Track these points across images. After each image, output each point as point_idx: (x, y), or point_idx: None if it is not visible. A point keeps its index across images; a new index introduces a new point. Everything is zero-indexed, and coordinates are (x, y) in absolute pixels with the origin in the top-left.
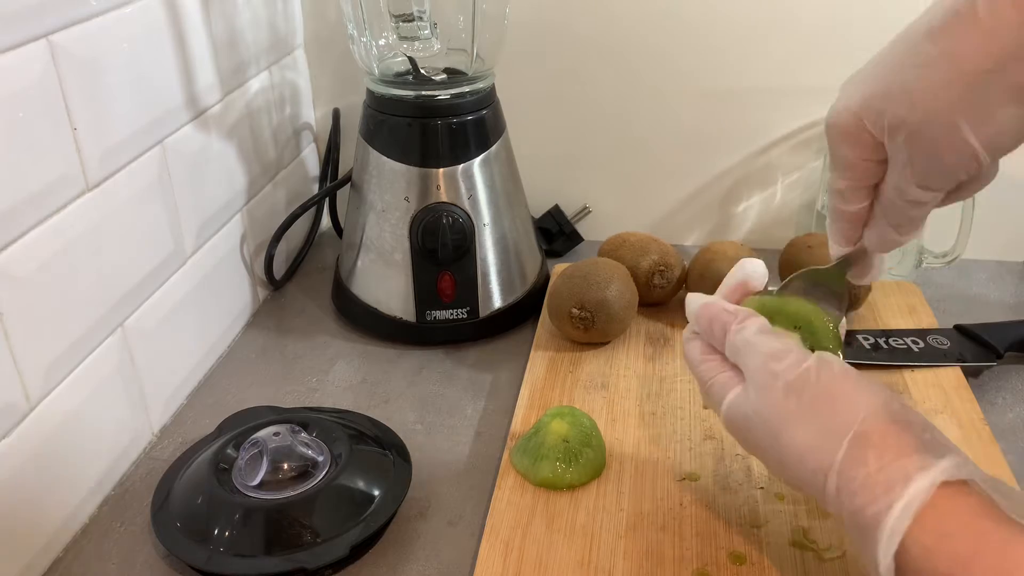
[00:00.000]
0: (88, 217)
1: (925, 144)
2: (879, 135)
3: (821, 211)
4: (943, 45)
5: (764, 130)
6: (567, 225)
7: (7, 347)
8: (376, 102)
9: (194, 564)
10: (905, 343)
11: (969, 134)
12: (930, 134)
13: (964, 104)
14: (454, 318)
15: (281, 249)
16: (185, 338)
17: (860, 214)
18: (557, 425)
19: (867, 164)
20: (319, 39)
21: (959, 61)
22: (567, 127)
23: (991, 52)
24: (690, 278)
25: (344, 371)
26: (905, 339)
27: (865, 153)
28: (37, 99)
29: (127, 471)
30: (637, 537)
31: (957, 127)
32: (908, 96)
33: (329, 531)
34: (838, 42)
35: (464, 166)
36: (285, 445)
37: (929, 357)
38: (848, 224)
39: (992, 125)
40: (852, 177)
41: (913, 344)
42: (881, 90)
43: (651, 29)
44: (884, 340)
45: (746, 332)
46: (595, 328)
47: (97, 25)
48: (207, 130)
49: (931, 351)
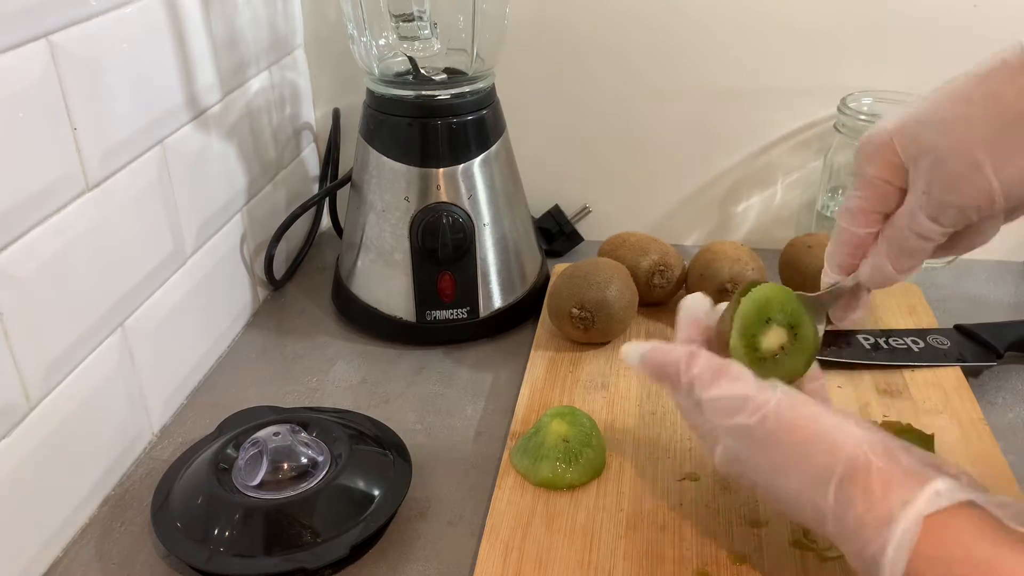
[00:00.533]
0: (88, 217)
1: (947, 175)
2: (906, 159)
3: (821, 211)
4: (987, 87)
5: (764, 130)
6: (567, 225)
7: (7, 347)
8: (376, 102)
9: (194, 564)
10: (905, 343)
11: (991, 174)
12: (954, 166)
13: (994, 142)
14: (454, 318)
15: (281, 249)
16: (185, 338)
17: (863, 241)
18: (557, 425)
19: (886, 187)
20: (319, 39)
21: (999, 101)
22: (567, 127)
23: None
24: (690, 278)
25: (344, 371)
26: (905, 339)
27: (888, 174)
28: (37, 99)
29: (127, 471)
30: (637, 537)
31: (981, 164)
32: (943, 125)
33: (329, 531)
34: (838, 42)
35: (464, 166)
36: (285, 445)
37: (929, 357)
38: (849, 249)
39: (1015, 169)
40: (868, 197)
41: (913, 344)
42: (919, 116)
43: (651, 29)
44: (884, 340)
45: (695, 391)
46: (595, 328)
47: (97, 25)
48: (207, 130)
49: (931, 351)
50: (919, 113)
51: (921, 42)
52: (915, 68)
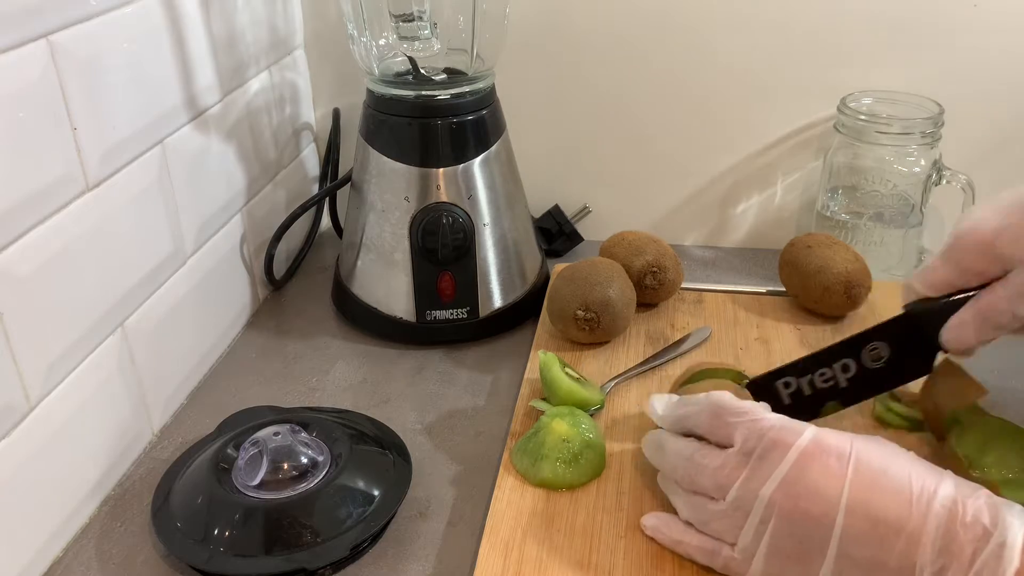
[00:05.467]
0: (88, 217)
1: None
2: (1008, 259)
3: (821, 211)
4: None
5: (764, 130)
6: (567, 225)
7: (7, 347)
8: (376, 102)
9: (194, 564)
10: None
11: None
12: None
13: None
14: (454, 318)
15: (281, 249)
16: (185, 338)
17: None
18: (557, 425)
19: (976, 277)
20: (319, 39)
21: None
22: (567, 127)
23: None
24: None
25: (344, 371)
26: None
27: (982, 266)
28: (37, 99)
29: (127, 471)
30: (637, 537)
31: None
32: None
33: (329, 531)
34: (838, 42)
35: (464, 166)
36: (285, 445)
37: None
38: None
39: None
40: (953, 278)
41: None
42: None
43: (651, 29)
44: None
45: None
46: (600, 328)
47: (97, 25)
48: (207, 130)
49: None
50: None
51: (921, 42)
52: (915, 68)
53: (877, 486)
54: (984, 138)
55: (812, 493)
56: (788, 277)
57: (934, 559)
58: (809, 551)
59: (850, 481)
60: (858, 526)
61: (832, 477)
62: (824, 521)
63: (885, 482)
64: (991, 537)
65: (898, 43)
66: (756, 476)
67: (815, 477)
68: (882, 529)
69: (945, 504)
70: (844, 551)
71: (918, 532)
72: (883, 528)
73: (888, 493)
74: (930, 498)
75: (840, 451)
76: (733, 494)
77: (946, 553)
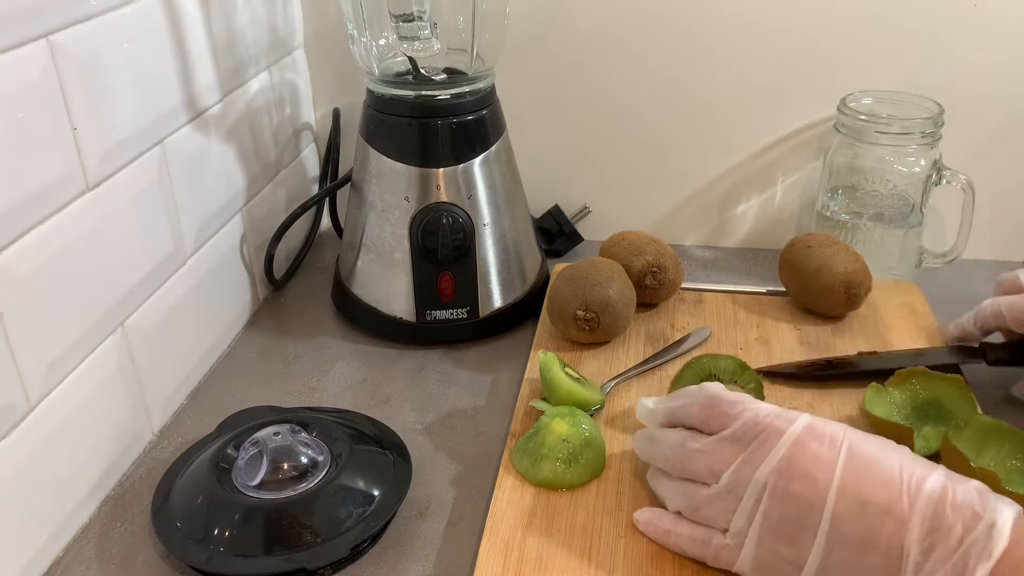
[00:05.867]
0: (88, 217)
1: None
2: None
3: (821, 211)
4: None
5: (764, 130)
6: (567, 225)
7: (7, 347)
8: (376, 102)
9: (194, 564)
10: None
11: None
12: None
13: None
14: (454, 318)
15: (281, 249)
16: (185, 338)
17: None
18: (557, 425)
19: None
20: (319, 39)
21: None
22: (567, 127)
23: None
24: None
25: (344, 371)
26: None
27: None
28: (37, 99)
29: (127, 471)
30: (637, 537)
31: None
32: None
33: (329, 531)
34: (838, 42)
35: (464, 166)
36: (285, 445)
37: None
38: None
39: None
40: (992, 326)
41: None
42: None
43: (651, 29)
44: None
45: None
46: (600, 328)
47: (97, 25)
48: (207, 130)
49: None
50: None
51: (921, 42)
52: (915, 68)
53: (868, 471)
54: (984, 138)
55: (804, 476)
56: (788, 277)
57: (922, 539)
58: (801, 532)
59: (842, 465)
60: (848, 508)
61: (824, 461)
62: (815, 503)
63: (876, 468)
64: (980, 520)
65: (898, 43)
66: (750, 460)
67: (808, 460)
68: (872, 510)
69: (935, 488)
70: (834, 533)
71: (907, 514)
72: (873, 509)
73: (878, 477)
74: (920, 482)
75: (833, 438)
76: (726, 478)
77: (934, 533)
